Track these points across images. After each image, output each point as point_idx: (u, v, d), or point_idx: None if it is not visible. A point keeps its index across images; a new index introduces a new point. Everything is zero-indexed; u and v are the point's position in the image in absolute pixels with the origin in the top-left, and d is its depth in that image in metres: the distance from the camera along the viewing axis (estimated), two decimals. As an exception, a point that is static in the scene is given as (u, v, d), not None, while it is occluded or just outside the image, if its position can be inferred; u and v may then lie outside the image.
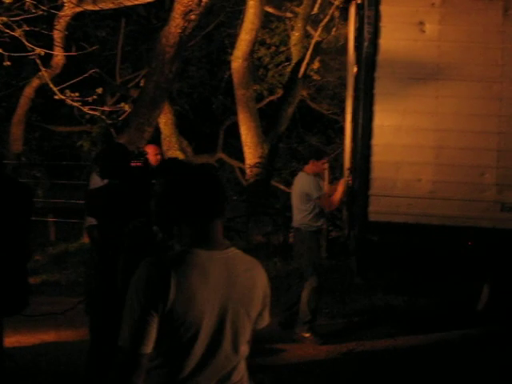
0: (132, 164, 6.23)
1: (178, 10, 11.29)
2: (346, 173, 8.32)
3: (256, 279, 3.01)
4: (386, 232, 7.94)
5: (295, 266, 8.82)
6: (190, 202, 2.90)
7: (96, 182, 9.24)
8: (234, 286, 2.90)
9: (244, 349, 2.99)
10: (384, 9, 7.86)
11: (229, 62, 16.29)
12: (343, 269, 10.35)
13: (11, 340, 7.01)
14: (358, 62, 8.11)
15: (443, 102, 7.81)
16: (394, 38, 7.87)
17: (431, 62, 7.85)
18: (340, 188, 8.19)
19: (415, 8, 7.89)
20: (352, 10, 8.35)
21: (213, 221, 2.92)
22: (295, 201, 8.51)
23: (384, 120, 7.85)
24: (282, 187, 17.14)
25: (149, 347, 2.77)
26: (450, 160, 7.80)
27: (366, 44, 7.86)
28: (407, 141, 7.82)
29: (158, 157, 10.00)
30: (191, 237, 2.89)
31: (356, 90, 8.07)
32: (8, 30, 11.90)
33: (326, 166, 8.95)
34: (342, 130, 11.85)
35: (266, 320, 3.09)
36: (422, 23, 7.85)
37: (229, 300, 2.89)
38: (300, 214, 8.40)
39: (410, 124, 7.82)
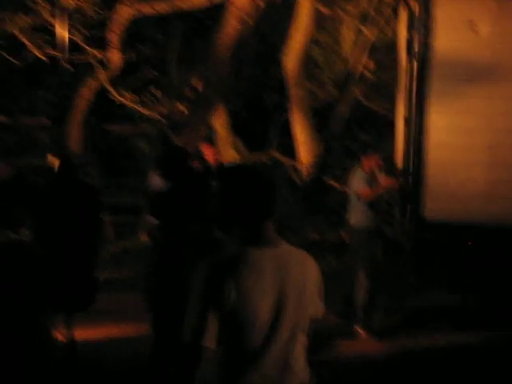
0: (193, 166, 6.42)
1: (234, 13, 11.50)
2: (398, 172, 8.43)
3: (307, 272, 3.18)
4: (440, 231, 8.04)
5: (350, 263, 8.93)
6: (244, 206, 3.09)
7: (156, 182, 9.51)
8: (287, 280, 3.07)
9: (302, 339, 3.17)
10: (437, 11, 7.97)
11: (281, 61, 16.44)
12: (398, 266, 10.43)
13: (77, 335, 7.25)
14: (411, 62, 8.23)
15: (496, 102, 7.91)
16: (447, 40, 7.98)
17: (483, 62, 7.95)
18: (384, 183, 8.22)
19: (468, 10, 7.99)
20: (403, 12, 8.46)
21: (264, 222, 3.12)
22: (350, 198, 8.61)
23: (437, 120, 7.97)
24: (335, 184, 17.20)
25: (211, 342, 2.95)
26: (504, 159, 7.88)
27: (419, 46, 7.97)
28: (460, 140, 7.92)
29: (216, 157, 10.23)
30: (244, 237, 3.08)
31: (409, 90, 8.19)
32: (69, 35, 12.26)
33: (379, 162, 8.93)
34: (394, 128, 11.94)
35: (320, 310, 3.26)
36: (474, 25, 7.94)
37: (283, 294, 3.05)
38: (355, 212, 8.50)
39: (463, 124, 7.93)
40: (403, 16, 8.41)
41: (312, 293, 3.19)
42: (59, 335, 6.32)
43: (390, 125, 17.12)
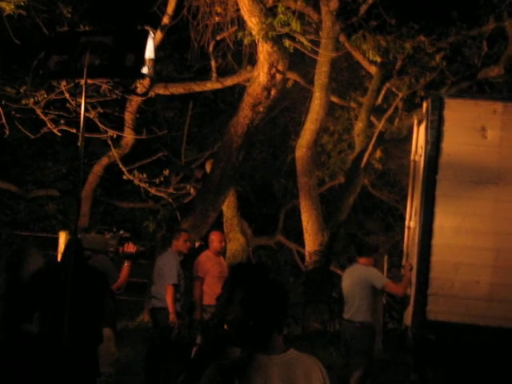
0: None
1: (248, 101, 11.74)
2: (407, 266, 8.54)
3: (314, 378, 3.21)
4: (443, 331, 8.06)
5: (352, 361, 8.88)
6: (259, 316, 3.16)
7: (168, 260, 9.59)
8: None
9: None
10: (447, 114, 8.14)
11: (292, 146, 16.66)
12: (399, 362, 10.42)
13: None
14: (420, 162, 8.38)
15: (503, 205, 8.01)
16: (456, 142, 8.13)
17: (492, 166, 8.08)
18: (406, 273, 8.43)
19: (477, 114, 8.16)
20: (415, 114, 8.63)
21: (275, 332, 3.18)
22: (355, 293, 8.67)
23: (444, 221, 8.05)
24: (339, 272, 17.24)
25: None
26: (509, 263, 7.94)
27: (428, 147, 8.12)
28: (466, 242, 8.00)
29: (223, 244, 10.32)
30: (252, 343, 3.15)
31: (417, 190, 8.32)
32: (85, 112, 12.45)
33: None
34: (401, 218, 12.04)
35: None
36: (483, 129, 8.10)
37: None
38: (362, 308, 8.58)
39: (470, 226, 8.02)
40: (415, 117, 8.60)
41: None
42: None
43: (398, 215, 17.30)
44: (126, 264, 8.38)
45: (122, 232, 8.66)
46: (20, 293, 5.74)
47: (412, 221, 9.02)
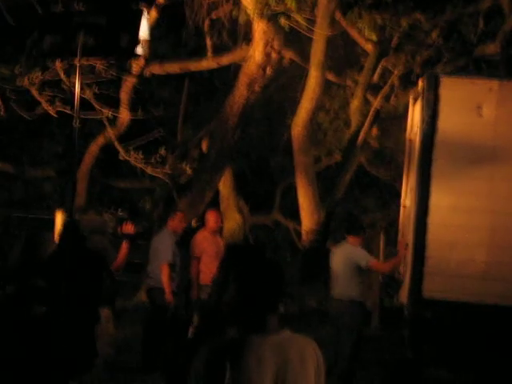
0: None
1: (243, 80, 11.72)
2: (402, 242, 8.58)
3: (308, 360, 3.18)
4: (439, 309, 8.09)
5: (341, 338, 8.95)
6: (252, 296, 3.14)
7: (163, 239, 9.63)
8: (286, 367, 3.08)
9: None
10: (443, 92, 8.13)
11: (288, 124, 16.62)
12: (395, 339, 10.45)
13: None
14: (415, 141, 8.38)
15: (498, 184, 8.02)
16: (451, 121, 8.13)
17: (487, 144, 8.09)
18: (401, 250, 8.51)
19: (473, 92, 8.15)
20: (411, 90, 8.61)
21: (269, 314, 3.16)
22: (341, 271, 8.78)
23: (440, 199, 8.07)
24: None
25: None
26: (504, 241, 7.96)
27: (424, 126, 8.11)
28: (462, 221, 8.02)
29: (219, 223, 10.34)
30: (246, 324, 3.12)
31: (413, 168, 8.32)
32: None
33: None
34: (398, 195, 12.07)
35: None
36: (479, 107, 8.10)
37: (283, 382, 3.07)
38: (349, 286, 8.67)
39: (465, 204, 8.03)
40: (411, 95, 8.58)
41: (312, 380, 3.19)
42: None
43: (395, 193, 17.31)
44: (124, 244, 8.41)
45: (120, 213, 8.70)
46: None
47: (407, 199, 9.05)
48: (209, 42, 14.29)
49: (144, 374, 9.61)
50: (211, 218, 10.19)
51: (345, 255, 8.76)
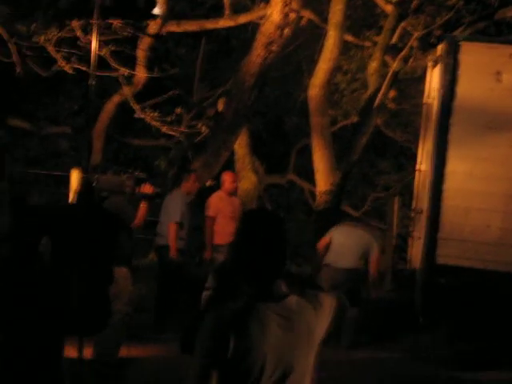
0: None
1: (260, 40, 11.62)
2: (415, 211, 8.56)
3: (313, 321, 3.13)
4: (452, 275, 8.10)
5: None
6: (255, 265, 3.08)
7: (174, 199, 9.65)
8: (291, 334, 3.04)
9: None
10: (462, 57, 8.06)
11: (305, 84, 16.51)
12: (407, 304, 10.46)
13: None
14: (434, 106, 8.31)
15: (516, 151, 7.96)
16: (470, 87, 8.06)
17: (506, 111, 8.02)
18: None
19: (492, 58, 8.07)
20: (430, 54, 8.53)
21: (274, 281, 3.10)
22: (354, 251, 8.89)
23: (456, 166, 8.04)
24: (351, 212, 17.24)
25: None
26: (520, 208, 7.94)
27: (442, 91, 8.05)
28: (478, 187, 7.99)
29: (235, 184, 10.34)
30: (250, 291, 3.07)
31: (430, 134, 8.27)
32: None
33: None
34: (414, 158, 12.02)
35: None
36: (498, 73, 8.02)
37: (288, 348, 3.03)
38: (357, 260, 8.79)
39: (482, 171, 8.00)
40: (429, 59, 8.49)
41: (318, 344, 3.16)
42: (72, 351, 6.41)
43: (411, 155, 17.25)
44: (142, 204, 8.49)
45: (138, 173, 8.75)
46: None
47: (423, 164, 9.01)
48: (226, 1, 14.14)
49: (156, 333, 9.69)
50: (228, 178, 10.21)
51: (359, 242, 8.85)
